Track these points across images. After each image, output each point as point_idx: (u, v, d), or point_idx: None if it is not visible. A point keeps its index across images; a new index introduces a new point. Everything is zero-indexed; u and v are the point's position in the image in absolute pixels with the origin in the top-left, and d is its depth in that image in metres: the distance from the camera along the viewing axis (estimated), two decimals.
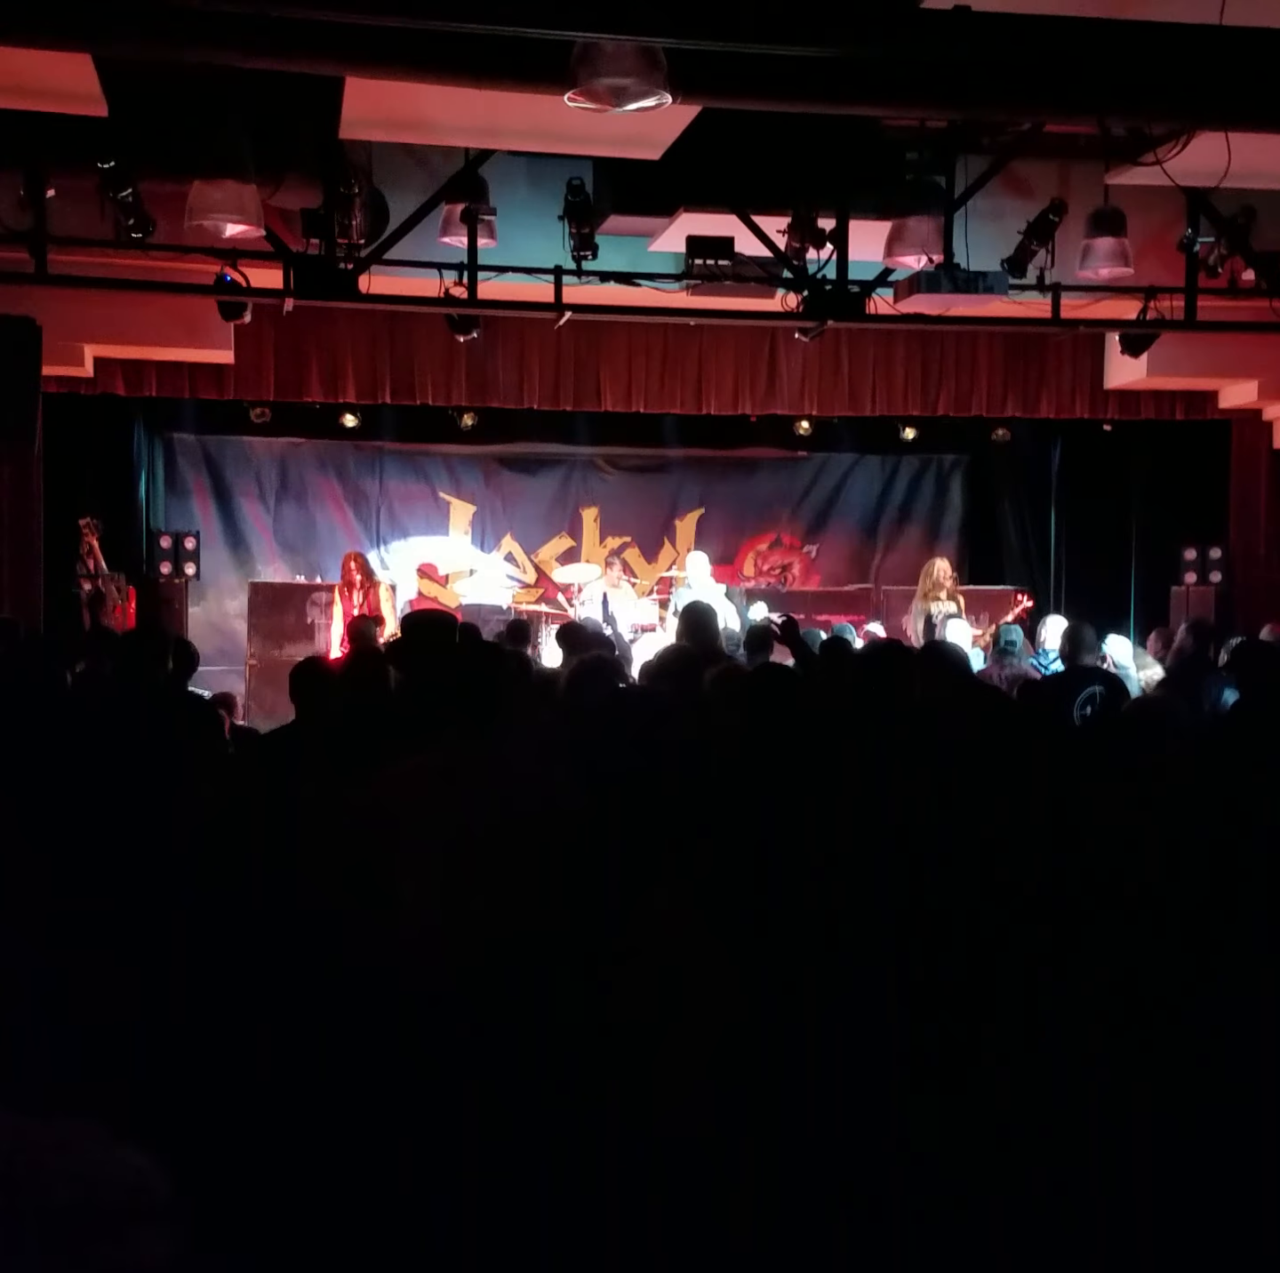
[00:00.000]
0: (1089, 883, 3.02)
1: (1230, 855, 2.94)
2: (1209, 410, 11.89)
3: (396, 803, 3.50)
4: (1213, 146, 5.52)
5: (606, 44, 4.71)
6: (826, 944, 2.57)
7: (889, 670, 4.61)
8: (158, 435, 12.38)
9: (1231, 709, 5.48)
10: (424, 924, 3.45)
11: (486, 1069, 3.24)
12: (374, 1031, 3.46)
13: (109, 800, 4.40)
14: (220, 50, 5.15)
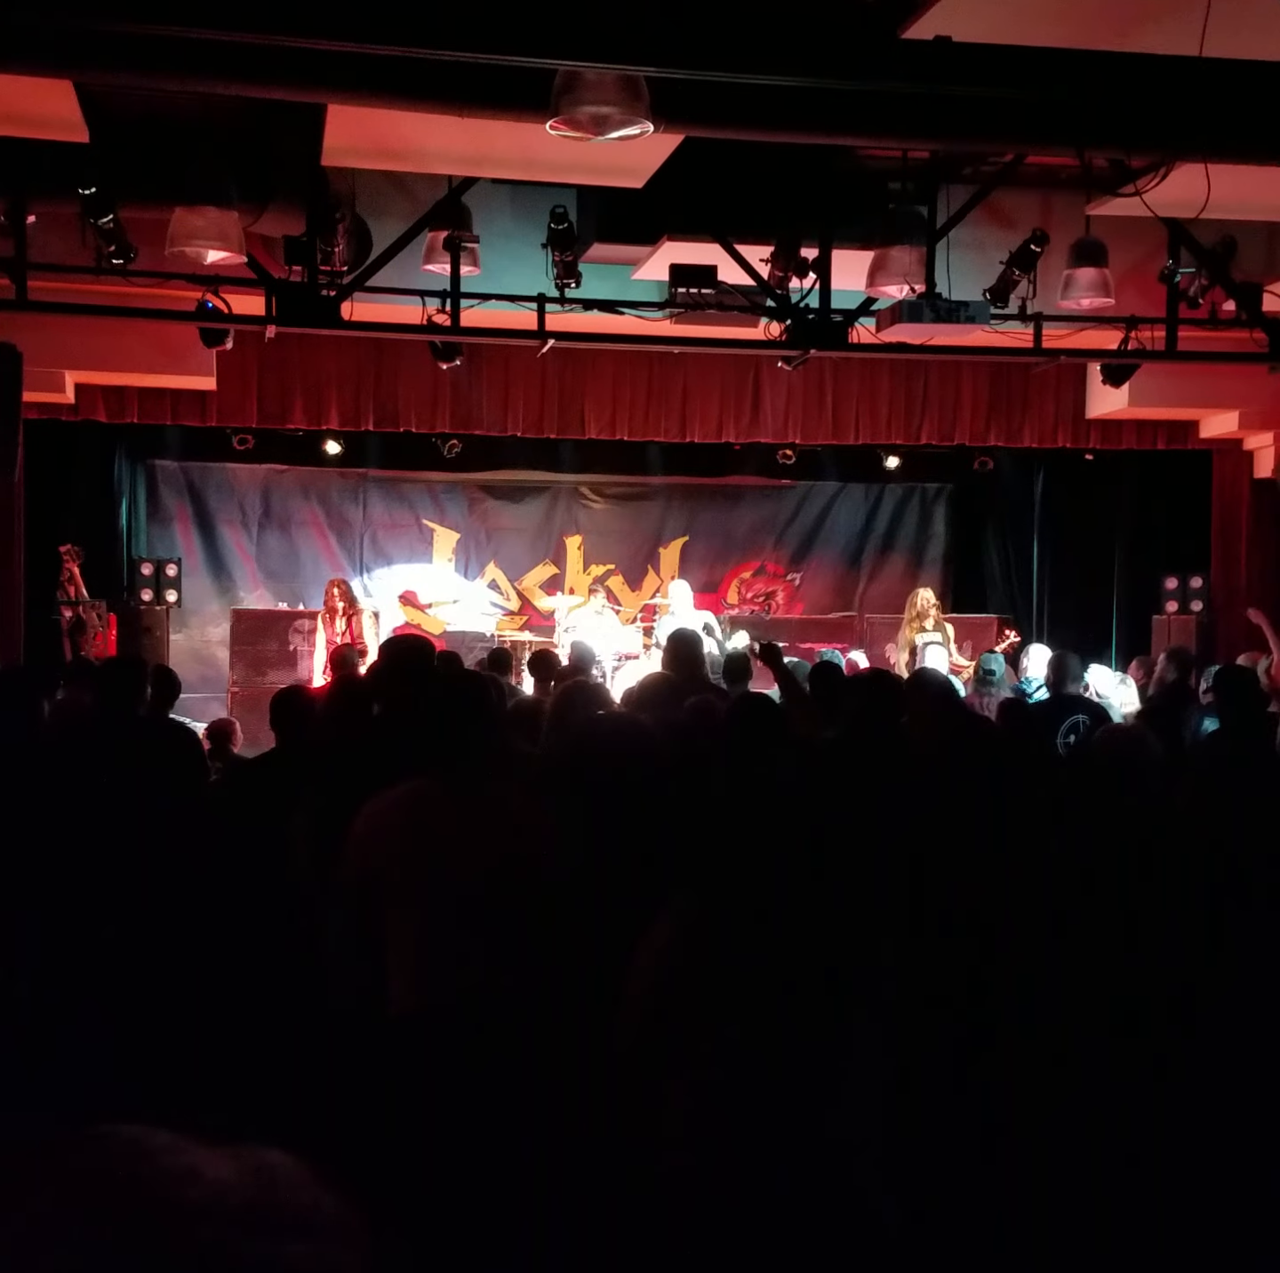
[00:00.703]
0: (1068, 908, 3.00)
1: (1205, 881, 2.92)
2: (1190, 440, 11.95)
3: (380, 835, 3.46)
4: (1192, 178, 5.54)
5: (588, 73, 4.71)
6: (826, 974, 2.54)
7: (883, 698, 4.59)
8: (139, 462, 12.36)
9: (1209, 737, 5.47)
10: (410, 960, 3.41)
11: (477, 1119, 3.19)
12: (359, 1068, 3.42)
13: (86, 830, 4.35)
14: (201, 78, 5.14)
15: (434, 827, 3.43)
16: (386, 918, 3.42)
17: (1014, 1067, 2.86)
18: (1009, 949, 2.96)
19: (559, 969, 3.22)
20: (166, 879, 4.23)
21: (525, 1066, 3.15)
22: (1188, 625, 11.63)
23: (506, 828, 3.45)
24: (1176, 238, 8.53)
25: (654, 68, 4.57)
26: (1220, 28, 4.56)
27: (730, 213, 8.14)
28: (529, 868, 3.41)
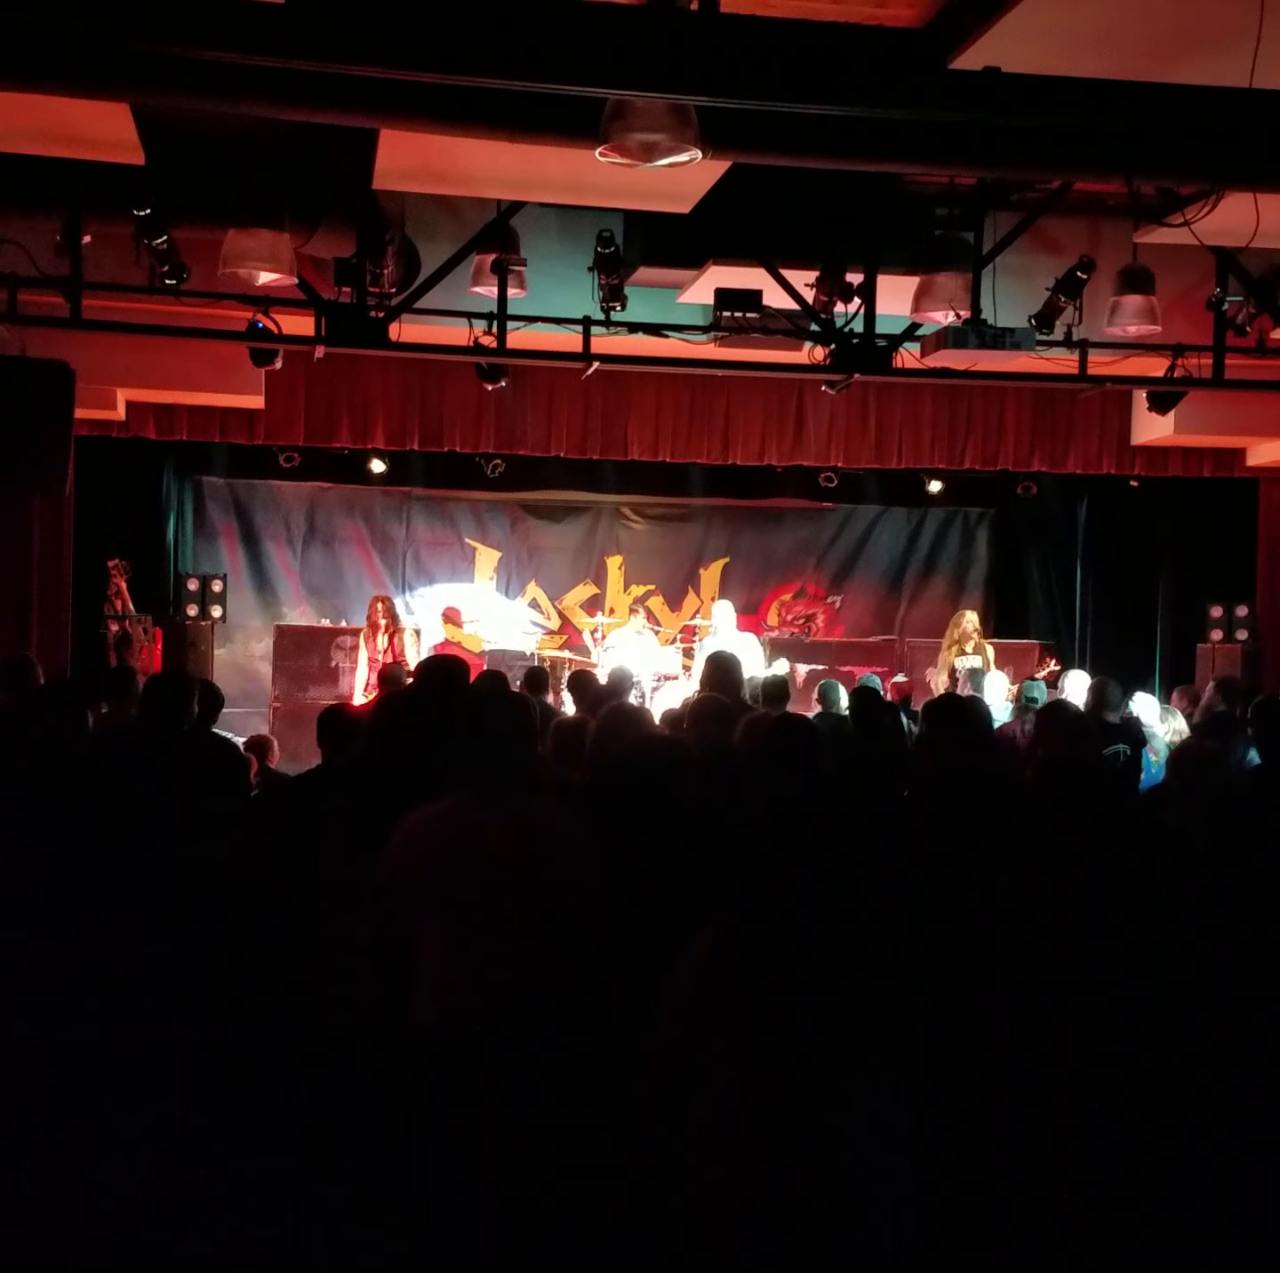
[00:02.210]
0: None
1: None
2: (1236, 468, 11.86)
3: (416, 848, 3.50)
4: (1241, 207, 5.53)
5: (638, 101, 4.76)
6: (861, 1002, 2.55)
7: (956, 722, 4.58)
8: (187, 478, 12.50)
9: (1252, 771, 5.43)
10: (437, 972, 3.44)
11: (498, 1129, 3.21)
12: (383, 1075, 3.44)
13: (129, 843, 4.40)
14: (257, 103, 5.22)
15: (468, 843, 3.47)
16: (417, 929, 3.46)
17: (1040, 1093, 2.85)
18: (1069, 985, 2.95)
19: (588, 987, 3.24)
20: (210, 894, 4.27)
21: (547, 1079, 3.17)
22: (1233, 654, 11.53)
23: (540, 847, 3.48)
24: (1224, 266, 8.50)
25: (703, 97, 4.60)
26: (1271, 58, 4.56)
27: (776, 237, 8.17)
28: (562, 887, 3.44)
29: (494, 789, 3.53)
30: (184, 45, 4.66)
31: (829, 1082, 2.49)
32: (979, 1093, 2.88)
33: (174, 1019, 3.79)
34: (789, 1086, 2.49)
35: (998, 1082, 2.89)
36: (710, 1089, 2.53)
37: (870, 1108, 2.50)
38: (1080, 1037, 2.85)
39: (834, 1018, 2.54)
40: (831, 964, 2.57)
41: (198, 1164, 3.34)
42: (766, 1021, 2.54)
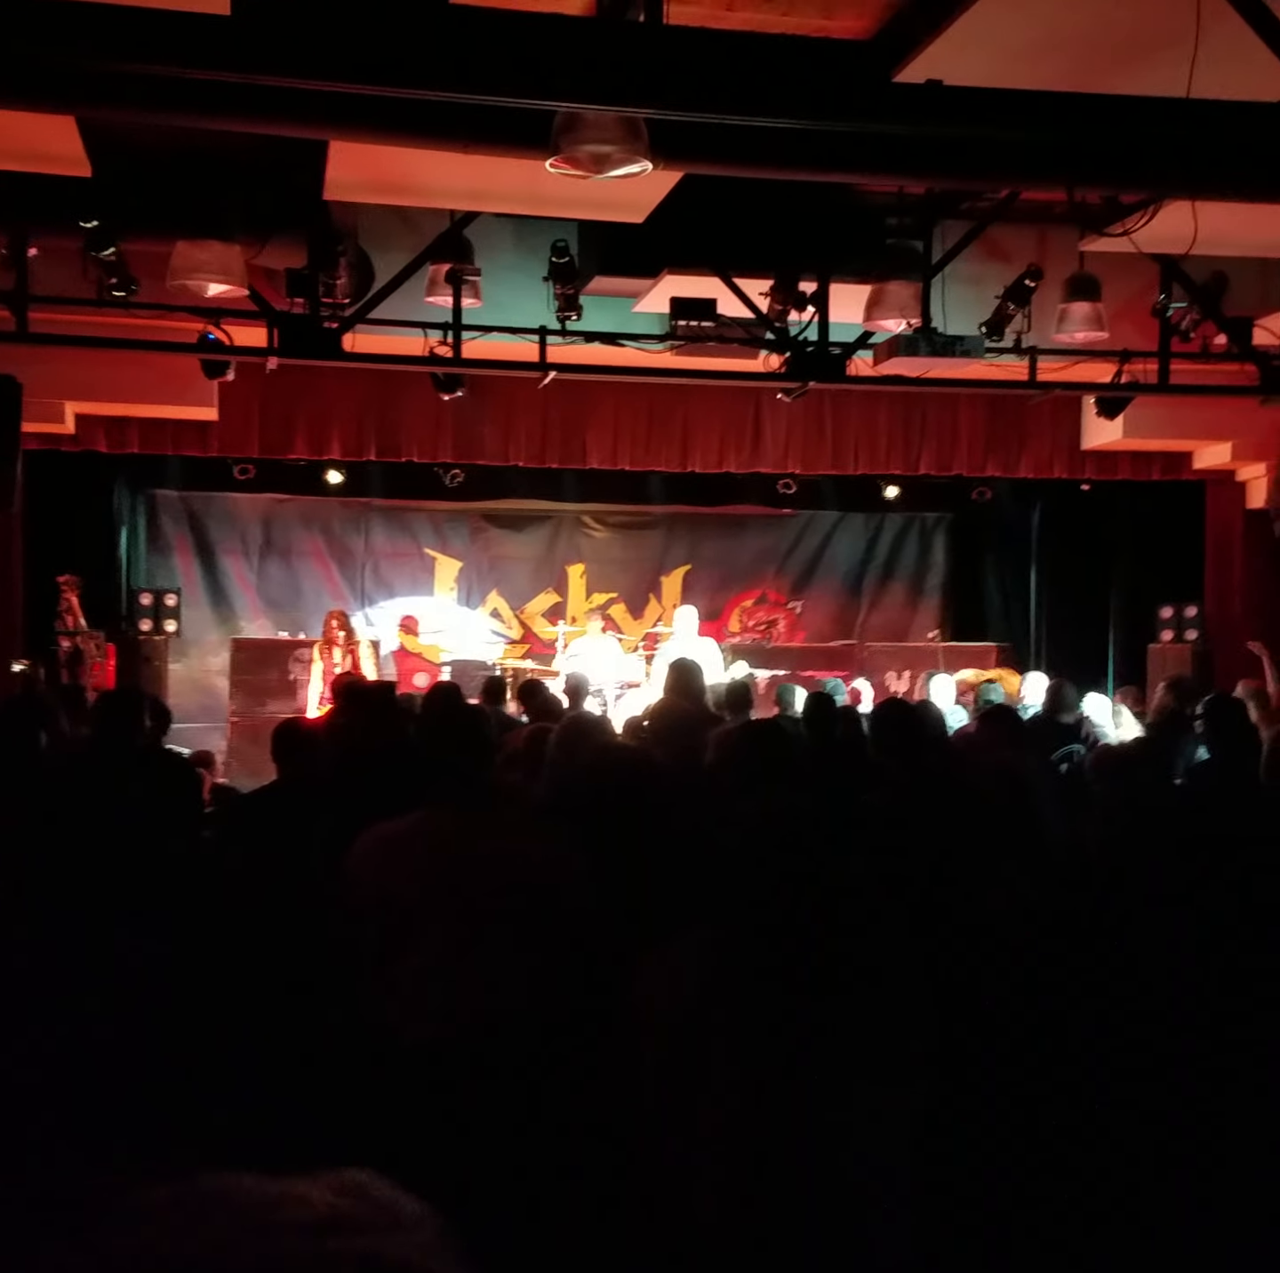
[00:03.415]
0: None
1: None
2: (1184, 471, 12.02)
3: (392, 863, 3.48)
4: (1182, 215, 5.62)
5: (588, 113, 4.78)
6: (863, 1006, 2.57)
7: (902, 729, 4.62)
8: (140, 492, 12.39)
9: (1198, 767, 5.50)
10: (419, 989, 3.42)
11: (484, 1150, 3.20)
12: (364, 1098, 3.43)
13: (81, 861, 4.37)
14: (202, 115, 5.21)
15: (441, 856, 3.45)
16: (395, 946, 3.44)
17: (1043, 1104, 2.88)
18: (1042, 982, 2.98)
19: (571, 1000, 3.24)
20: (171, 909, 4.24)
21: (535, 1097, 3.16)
22: (1183, 654, 11.67)
23: (513, 855, 3.48)
24: (1168, 273, 8.61)
25: (652, 109, 4.63)
26: (1207, 69, 4.64)
27: (730, 247, 8.23)
28: (539, 899, 3.43)
29: (464, 802, 3.52)
30: (129, 59, 4.64)
31: (830, 1084, 2.50)
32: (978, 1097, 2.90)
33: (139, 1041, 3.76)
34: (790, 1088, 2.50)
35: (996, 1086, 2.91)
36: (710, 1093, 2.55)
37: (870, 1111, 2.52)
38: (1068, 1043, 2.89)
39: (834, 1022, 2.56)
40: (832, 969, 2.59)
41: None
42: (766, 1026, 2.55)
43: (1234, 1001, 2.87)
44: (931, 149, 4.56)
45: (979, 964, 3.04)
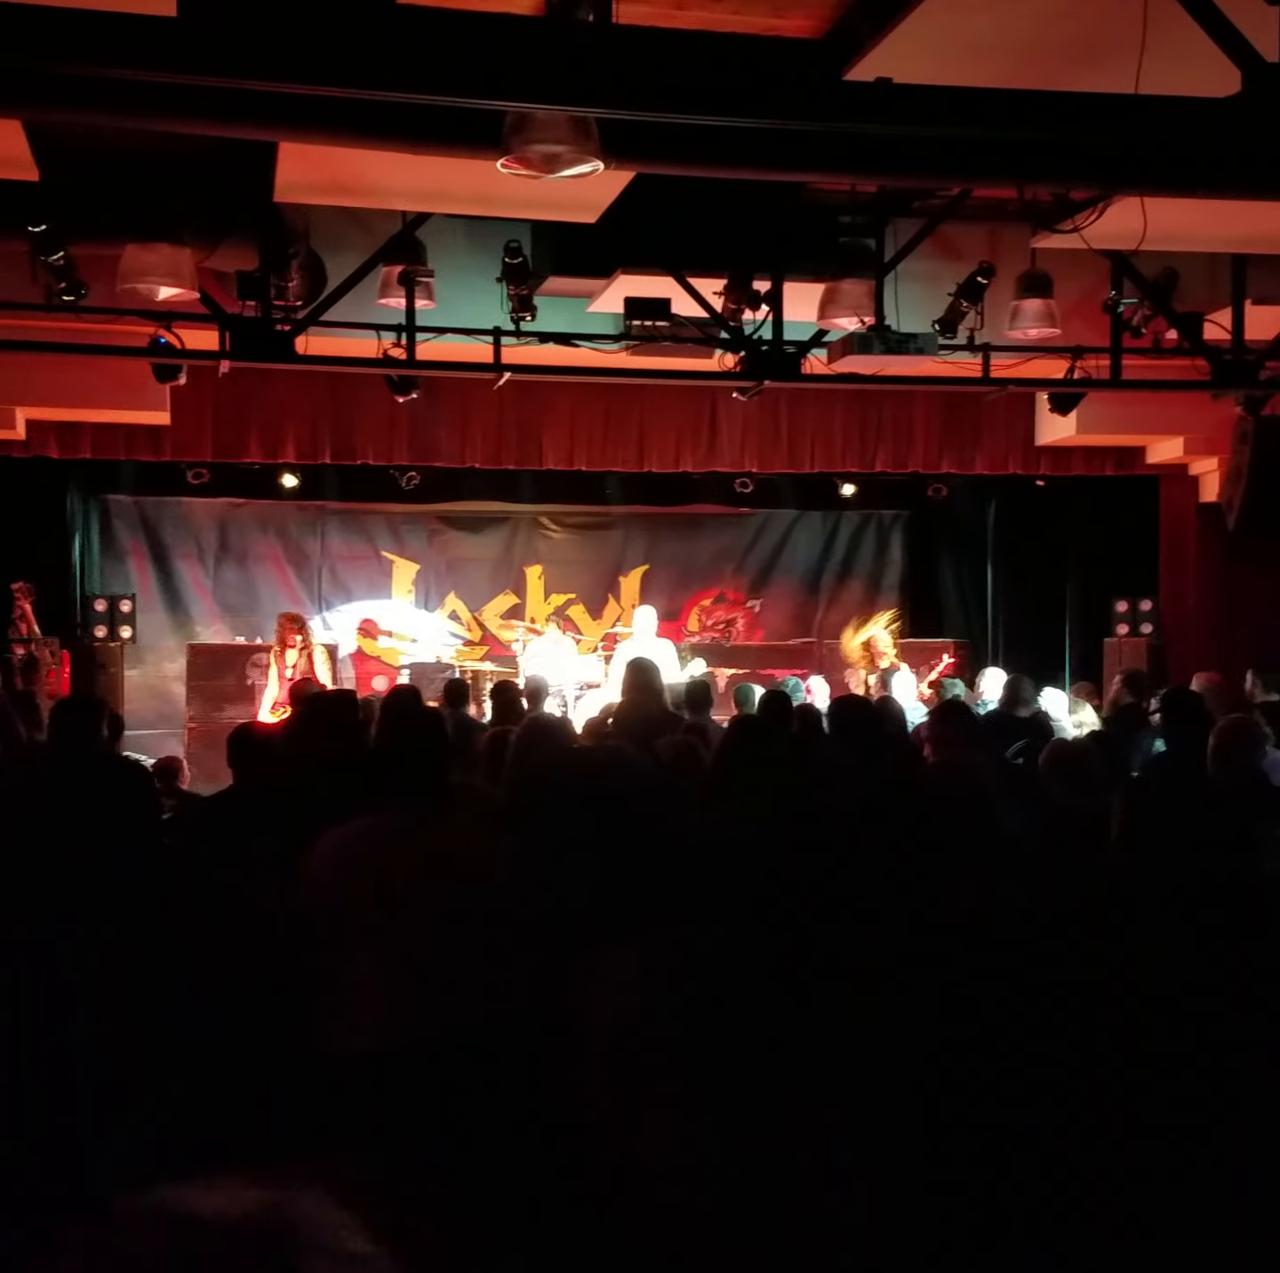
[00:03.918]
0: None
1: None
2: (1137, 466, 12.13)
3: (338, 869, 3.46)
4: (1132, 212, 5.67)
5: (539, 113, 4.77)
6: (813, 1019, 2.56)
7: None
8: (93, 497, 12.28)
9: (1155, 759, 5.56)
10: (367, 997, 3.39)
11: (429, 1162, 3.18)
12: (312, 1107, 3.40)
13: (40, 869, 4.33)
14: (150, 117, 5.15)
15: (390, 861, 3.43)
16: (344, 954, 3.41)
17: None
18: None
19: (517, 1007, 3.22)
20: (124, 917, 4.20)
21: (489, 1105, 3.15)
22: (1138, 648, 11.78)
23: (465, 860, 3.46)
24: (1119, 270, 8.69)
25: (603, 108, 4.62)
26: (1155, 66, 4.68)
27: (684, 246, 8.23)
28: (483, 905, 3.42)
29: (415, 806, 3.50)
30: (75, 61, 4.59)
31: (790, 1102, 2.50)
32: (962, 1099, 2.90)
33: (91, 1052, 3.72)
34: (746, 1103, 2.49)
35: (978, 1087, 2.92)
36: (660, 1109, 2.54)
37: (832, 1129, 2.52)
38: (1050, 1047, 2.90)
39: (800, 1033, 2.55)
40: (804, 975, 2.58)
41: None
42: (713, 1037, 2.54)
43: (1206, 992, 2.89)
44: (883, 147, 4.58)
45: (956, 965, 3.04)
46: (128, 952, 3.90)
